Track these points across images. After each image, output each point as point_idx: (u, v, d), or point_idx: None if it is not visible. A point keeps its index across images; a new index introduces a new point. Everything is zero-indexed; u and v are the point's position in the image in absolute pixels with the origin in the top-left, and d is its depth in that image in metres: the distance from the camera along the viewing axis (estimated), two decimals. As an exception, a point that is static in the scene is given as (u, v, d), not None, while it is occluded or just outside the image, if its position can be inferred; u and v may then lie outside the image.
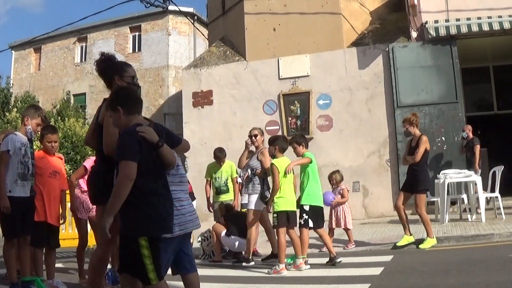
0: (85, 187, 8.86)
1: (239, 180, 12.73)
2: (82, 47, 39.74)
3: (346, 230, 12.43)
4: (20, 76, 41.18)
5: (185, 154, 18.86)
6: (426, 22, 17.48)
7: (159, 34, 36.23)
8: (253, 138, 11.59)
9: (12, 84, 35.82)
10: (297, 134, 12.07)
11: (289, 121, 18.51)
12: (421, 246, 11.33)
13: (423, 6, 17.61)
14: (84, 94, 38.33)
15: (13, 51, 42.42)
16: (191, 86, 20.42)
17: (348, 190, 12.74)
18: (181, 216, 5.27)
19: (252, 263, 10.90)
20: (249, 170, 11.16)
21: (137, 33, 37.48)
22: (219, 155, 13.29)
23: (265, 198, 10.79)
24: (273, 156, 10.59)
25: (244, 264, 10.84)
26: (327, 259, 10.28)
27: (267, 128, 18.61)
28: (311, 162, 10.41)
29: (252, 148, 11.75)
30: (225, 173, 13.36)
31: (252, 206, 10.92)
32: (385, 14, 19.57)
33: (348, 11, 18.83)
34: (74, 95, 37.65)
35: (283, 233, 9.89)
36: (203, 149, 18.37)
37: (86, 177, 8.83)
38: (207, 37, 28.07)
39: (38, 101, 33.82)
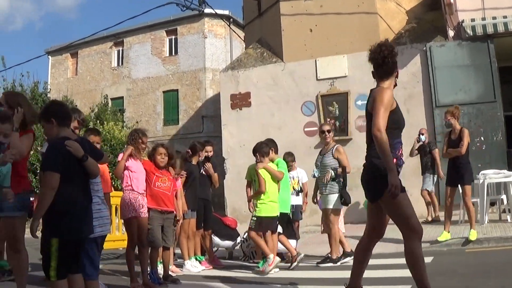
0: (134, 186, 9.00)
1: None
2: (118, 51, 40.09)
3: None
4: (58, 81, 41.64)
5: (224, 156, 19.05)
6: (463, 21, 17.35)
7: (195, 37, 36.40)
8: (326, 133, 11.33)
9: (50, 89, 36.13)
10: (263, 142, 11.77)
11: (328, 122, 18.41)
12: (470, 238, 11.37)
13: (459, 4, 17.49)
14: (122, 97, 38.68)
15: (49, 57, 42.95)
16: (229, 88, 20.51)
17: None
18: (99, 218, 5.87)
19: (339, 262, 10.72)
20: (331, 171, 10.85)
21: (173, 37, 37.70)
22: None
23: (345, 200, 10.93)
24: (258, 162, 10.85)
25: (331, 264, 10.65)
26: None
27: (305, 129, 18.65)
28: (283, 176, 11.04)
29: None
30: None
31: (331, 206, 10.80)
32: (422, 13, 19.42)
33: (384, 11, 18.75)
34: (111, 99, 37.99)
35: (256, 236, 10.46)
36: (242, 151, 18.44)
37: (133, 176, 8.97)
38: (243, 39, 28.13)
39: (76, 105, 34.10)
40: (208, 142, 12.39)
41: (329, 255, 10.95)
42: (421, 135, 16.01)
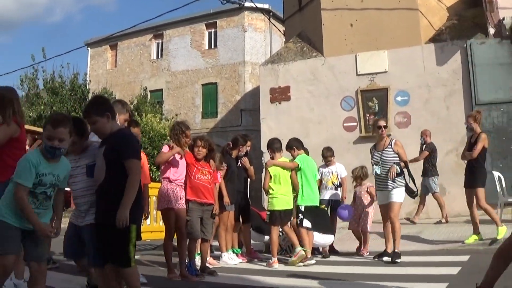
0: (173, 177, 9.06)
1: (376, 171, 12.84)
2: (158, 44, 40.28)
3: (364, 233, 12.12)
4: (97, 73, 42.00)
5: (262, 150, 19.11)
6: (504, 19, 17.16)
7: (235, 31, 36.44)
8: (382, 129, 11.16)
9: (89, 80, 36.42)
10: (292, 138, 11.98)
11: (367, 118, 18.40)
12: (498, 237, 11.31)
13: (500, 2, 17.29)
14: (161, 90, 38.85)
15: (89, 48, 43.34)
16: (269, 82, 20.53)
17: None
18: None
19: (399, 260, 10.42)
20: (396, 166, 10.69)
21: (213, 30, 37.78)
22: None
23: (412, 193, 10.97)
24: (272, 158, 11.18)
25: (396, 260, 10.34)
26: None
27: (344, 124, 18.62)
28: (297, 167, 11.18)
29: None
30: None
31: (399, 200, 10.70)
32: (462, 10, 19.25)
33: (425, 7, 18.61)
34: (150, 91, 38.18)
35: (275, 230, 10.82)
36: (280, 145, 18.46)
37: (173, 167, 9.05)
38: (283, 33, 28.13)
39: (115, 97, 34.39)
40: (247, 136, 12.40)
41: (392, 249, 10.78)
42: (420, 137, 15.95)
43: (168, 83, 38.72)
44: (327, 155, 13.21)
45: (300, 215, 11.01)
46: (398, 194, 10.69)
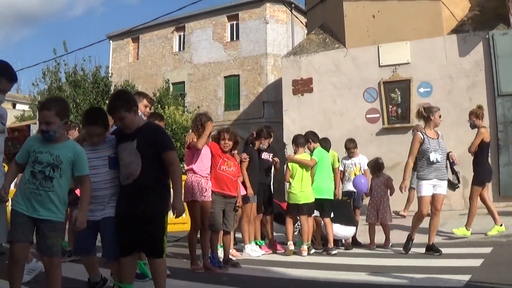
0: (197, 169, 9.01)
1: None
2: (180, 36, 40.43)
3: (384, 226, 11.99)
4: (119, 66, 42.23)
5: (285, 142, 19.11)
6: (525, 9, 17.09)
7: (256, 23, 36.47)
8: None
9: (112, 73, 36.57)
10: (308, 131, 12.15)
11: (390, 109, 18.33)
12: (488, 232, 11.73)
13: (522, -7, 17.22)
14: (183, 82, 39.04)
15: (111, 41, 43.66)
16: (291, 74, 20.51)
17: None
18: None
19: (438, 253, 10.24)
20: (454, 154, 10.80)
21: (234, 22, 37.85)
22: (325, 145, 13.10)
23: (454, 185, 11.00)
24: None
25: (435, 253, 10.19)
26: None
27: (367, 116, 18.57)
28: (315, 163, 11.48)
29: None
30: (328, 162, 13.29)
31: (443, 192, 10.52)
32: (484, 1, 19.07)
33: (448, -2, 18.53)
34: (173, 84, 38.32)
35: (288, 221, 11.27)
36: (303, 137, 18.46)
37: (197, 158, 9.04)
38: (305, 25, 28.11)
39: (137, 90, 34.56)
40: (270, 128, 12.36)
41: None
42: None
43: (190, 76, 38.85)
44: (350, 146, 13.25)
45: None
46: (443, 186, 10.55)
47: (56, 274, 5.58)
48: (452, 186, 10.93)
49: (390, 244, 11.70)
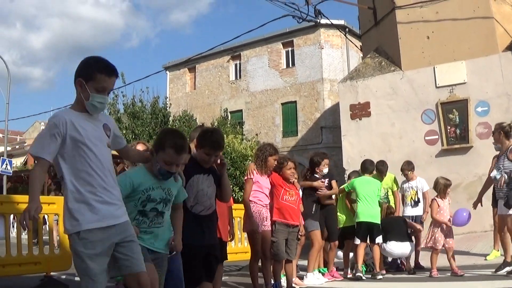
0: (253, 199, 8.99)
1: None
2: (236, 65, 40.77)
3: (448, 250, 11.09)
4: (176, 96, 42.71)
5: (344, 167, 19.12)
6: None
7: (311, 48, 36.63)
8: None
9: (170, 104, 37.00)
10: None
11: (448, 130, 18.23)
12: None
13: None
14: (241, 110, 39.26)
15: (167, 72, 44.26)
16: (348, 99, 20.56)
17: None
18: None
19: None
20: (504, 174, 10.17)
21: (290, 48, 38.07)
22: (381, 168, 13.08)
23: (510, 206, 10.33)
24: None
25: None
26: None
27: (426, 137, 18.48)
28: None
29: None
30: (385, 185, 13.24)
31: (504, 211, 10.33)
32: (538, 15, 18.94)
33: (500, 15, 18.35)
34: (230, 112, 38.54)
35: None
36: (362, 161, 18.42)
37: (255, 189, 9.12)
38: (360, 49, 28.10)
39: (196, 119, 34.86)
40: (325, 154, 12.34)
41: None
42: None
43: (248, 104, 39.12)
44: (404, 168, 13.11)
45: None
46: (501, 206, 10.36)
47: None
48: (508, 206, 10.69)
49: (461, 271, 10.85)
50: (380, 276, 11.05)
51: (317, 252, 10.95)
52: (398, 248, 11.71)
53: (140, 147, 7.23)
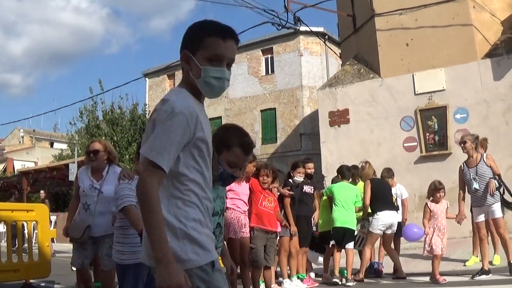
0: (230, 205, 8.89)
1: None
2: (216, 72, 40.59)
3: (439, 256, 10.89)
4: (155, 103, 42.15)
5: (323, 173, 19.14)
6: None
7: (291, 55, 36.66)
8: (463, 144, 11.26)
9: (149, 110, 36.97)
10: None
11: (427, 137, 18.30)
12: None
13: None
14: (220, 117, 39.23)
15: (147, 79, 44.13)
16: (327, 106, 20.61)
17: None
18: None
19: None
20: (493, 180, 10.74)
21: (269, 55, 38.08)
22: (347, 173, 13.20)
23: (509, 204, 11.13)
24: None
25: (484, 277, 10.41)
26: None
27: (404, 144, 18.55)
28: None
29: None
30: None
31: (499, 214, 10.75)
32: (517, 23, 19.06)
33: (479, 22, 18.44)
34: (210, 119, 38.06)
35: None
36: (341, 168, 18.47)
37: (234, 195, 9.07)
38: (339, 56, 28.17)
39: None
40: (309, 159, 12.43)
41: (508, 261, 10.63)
42: None
43: (227, 111, 39.10)
44: (384, 176, 13.06)
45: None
46: (499, 209, 10.74)
47: None
48: (507, 205, 10.96)
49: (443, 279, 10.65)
50: (351, 283, 11.02)
51: (284, 258, 10.90)
52: (389, 217, 11.71)
53: (96, 145, 7.40)
